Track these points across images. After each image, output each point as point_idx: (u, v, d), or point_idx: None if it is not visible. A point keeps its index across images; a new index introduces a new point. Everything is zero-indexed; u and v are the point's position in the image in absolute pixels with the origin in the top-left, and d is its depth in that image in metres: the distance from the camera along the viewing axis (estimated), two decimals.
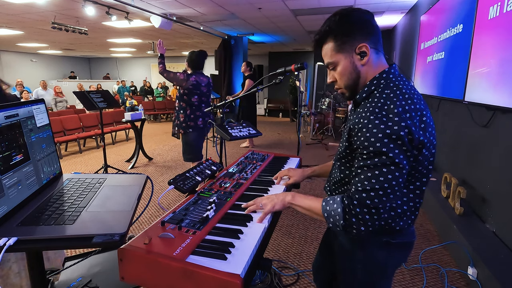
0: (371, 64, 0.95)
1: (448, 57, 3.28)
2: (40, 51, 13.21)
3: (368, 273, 1.03)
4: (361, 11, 0.94)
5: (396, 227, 0.95)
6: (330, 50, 0.96)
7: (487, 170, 2.49)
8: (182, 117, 3.24)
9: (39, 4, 5.34)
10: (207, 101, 3.35)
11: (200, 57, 3.27)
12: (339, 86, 1.01)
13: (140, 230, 2.84)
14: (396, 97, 0.87)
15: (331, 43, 0.95)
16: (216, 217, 0.99)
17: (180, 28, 7.45)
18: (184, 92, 3.19)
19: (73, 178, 1.11)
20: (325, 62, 1.00)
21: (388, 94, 0.88)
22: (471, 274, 2.06)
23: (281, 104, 12.61)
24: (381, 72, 0.94)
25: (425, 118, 0.88)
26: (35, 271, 0.94)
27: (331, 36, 0.95)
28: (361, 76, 0.95)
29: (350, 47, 0.93)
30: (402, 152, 0.83)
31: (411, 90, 0.91)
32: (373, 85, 0.94)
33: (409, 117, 0.84)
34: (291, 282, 2.12)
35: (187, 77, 3.17)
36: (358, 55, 0.93)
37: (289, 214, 3.21)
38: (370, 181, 0.85)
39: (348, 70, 0.95)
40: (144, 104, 10.75)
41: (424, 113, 0.88)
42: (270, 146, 6.57)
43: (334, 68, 0.98)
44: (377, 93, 0.91)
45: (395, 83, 0.92)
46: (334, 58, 0.96)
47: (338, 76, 0.98)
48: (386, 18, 6.58)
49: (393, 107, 0.85)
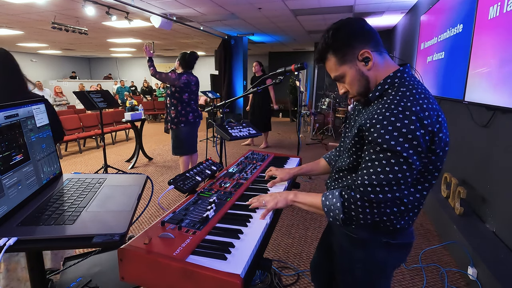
0: (378, 67, 0.95)
1: (448, 57, 3.28)
2: (40, 51, 13.21)
3: (367, 272, 1.03)
4: (352, 20, 0.96)
5: (397, 225, 0.95)
6: (334, 64, 0.97)
7: (487, 170, 2.49)
8: (174, 113, 3.48)
9: (39, 4, 5.34)
10: (195, 98, 3.63)
11: (192, 58, 3.52)
12: (352, 95, 1.01)
13: (140, 230, 2.84)
14: (413, 95, 0.86)
15: (332, 58, 0.96)
16: (216, 217, 0.99)
17: (180, 28, 7.45)
18: (175, 90, 3.43)
19: (73, 178, 1.11)
20: (332, 77, 1.00)
21: (404, 92, 0.88)
22: (471, 274, 2.06)
23: (281, 104, 12.57)
24: (396, 71, 0.94)
25: (441, 118, 0.88)
26: (35, 271, 0.94)
27: (330, 51, 0.96)
28: (371, 81, 0.96)
29: (352, 56, 0.94)
30: (416, 152, 0.83)
31: (426, 90, 0.91)
32: (387, 83, 0.93)
33: (427, 116, 0.84)
34: (291, 282, 2.12)
35: (179, 76, 3.43)
36: (362, 62, 0.94)
37: (289, 214, 3.21)
38: (378, 175, 0.85)
39: (357, 78, 0.96)
40: (144, 104, 10.75)
41: (439, 113, 0.88)
42: (270, 146, 6.58)
43: (342, 80, 0.99)
44: (392, 91, 0.91)
45: (410, 82, 0.91)
46: (340, 71, 0.97)
47: (348, 86, 0.99)
48: (386, 18, 6.58)
49: (410, 105, 0.84)
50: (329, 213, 0.95)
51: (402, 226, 0.96)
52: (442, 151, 0.90)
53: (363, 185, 0.87)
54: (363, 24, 0.95)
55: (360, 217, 0.88)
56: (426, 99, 0.86)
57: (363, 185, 0.87)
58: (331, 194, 0.95)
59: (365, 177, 0.87)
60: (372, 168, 0.86)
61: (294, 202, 1.06)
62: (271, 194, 1.10)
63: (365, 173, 0.87)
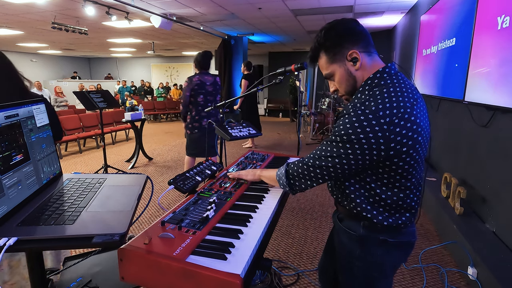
0: (365, 67, 0.99)
1: (448, 57, 3.28)
2: (40, 51, 13.21)
3: (366, 270, 1.04)
4: (345, 20, 1.00)
5: (384, 222, 0.95)
6: (325, 63, 1.03)
7: (487, 170, 2.49)
8: (189, 118, 3.35)
9: (39, 4, 5.34)
10: (213, 100, 3.39)
11: (204, 57, 3.34)
12: (341, 94, 1.06)
13: (140, 230, 2.84)
14: (381, 95, 0.90)
15: (324, 56, 1.02)
16: (216, 217, 0.99)
17: (180, 28, 7.45)
18: (191, 94, 3.26)
19: (73, 178, 1.11)
20: (324, 74, 1.06)
21: (375, 92, 0.92)
22: (471, 274, 2.06)
23: (281, 104, 12.61)
24: (375, 72, 0.97)
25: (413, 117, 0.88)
26: (35, 271, 0.94)
27: (322, 50, 1.02)
28: (357, 80, 1.00)
29: (342, 56, 0.99)
30: (362, 148, 0.87)
31: (402, 89, 0.91)
32: (367, 84, 0.97)
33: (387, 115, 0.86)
34: (291, 282, 2.12)
35: (190, 80, 3.25)
36: (350, 62, 0.98)
37: (289, 214, 3.21)
38: (321, 148, 0.96)
39: (345, 77, 1.01)
40: (144, 104, 10.75)
41: (409, 111, 0.87)
42: (270, 146, 6.58)
43: (332, 78, 1.04)
44: (366, 91, 0.96)
45: (387, 81, 0.94)
46: (330, 69, 1.02)
47: (337, 84, 1.04)
48: (386, 18, 6.58)
49: (373, 104, 0.88)
50: (279, 181, 1.10)
51: (393, 223, 0.96)
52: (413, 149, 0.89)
53: (307, 156, 1.00)
54: (355, 25, 0.99)
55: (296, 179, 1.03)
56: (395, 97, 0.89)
57: (307, 156, 1.00)
58: (283, 166, 1.10)
59: (312, 152, 0.99)
60: (321, 146, 0.97)
61: (261, 177, 1.23)
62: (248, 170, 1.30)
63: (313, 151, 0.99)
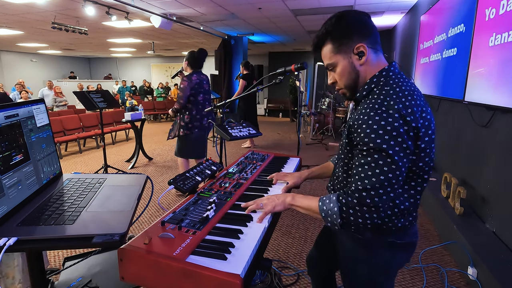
0: (370, 64, 0.96)
1: (448, 57, 3.28)
2: (40, 51, 13.20)
3: (371, 273, 1.03)
4: (357, 12, 0.96)
5: (398, 224, 0.95)
6: (329, 52, 0.97)
7: (487, 170, 2.49)
8: (188, 118, 3.23)
9: (39, 4, 5.34)
10: (209, 98, 3.37)
11: (201, 55, 3.29)
12: (339, 87, 1.02)
13: (140, 230, 2.84)
14: (396, 94, 0.88)
15: (329, 45, 0.97)
16: (216, 217, 0.99)
17: (180, 28, 7.45)
18: (190, 93, 3.18)
19: (73, 178, 1.11)
20: (325, 64, 1.01)
21: (388, 91, 0.89)
22: (471, 274, 2.06)
23: (281, 104, 12.60)
24: (381, 70, 0.95)
25: (425, 114, 0.89)
26: (35, 271, 0.94)
27: (329, 38, 0.96)
28: (360, 76, 0.97)
29: (348, 48, 0.94)
30: (402, 149, 0.84)
31: (411, 87, 0.91)
32: (373, 83, 0.95)
33: (410, 113, 0.85)
34: (291, 282, 2.12)
35: (189, 79, 3.18)
36: (356, 55, 0.94)
37: (289, 214, 3.21)
38: (370, 179, 0.85)
39: (347, 70, 0.97)
40: (144, 104, 10.74)
41: (424, 109, 0.89)
42: (270, 146, 6.57)
43: (333, 69, 1.00)
44: (377, 90, 0.92)
45: (395, 80, 0.92)
46: (333, 59, 0.97)
47: (338, 76, 0.99)
48: (386, 18, 6.58)
49: (393, 103, 0.86)
50: (326, 218, 0.93)
51: (403, 224, 0.96)
52: (429, 147, 0.91)
53: (357, 190, 0.86)
54: (366, 19, 0.95)
55: (359, 222, 0.87)
56: (410, 95, 0.88)
57: (357, 190, 0.86)
58: (328, 199, 0.94)
59: (358, 182, 0.87)
60: (363, 172, 0.86)
61: (292, 206, 1.04)
62: (269, 197, 1.07)
63: (358, 178, 0.87)
